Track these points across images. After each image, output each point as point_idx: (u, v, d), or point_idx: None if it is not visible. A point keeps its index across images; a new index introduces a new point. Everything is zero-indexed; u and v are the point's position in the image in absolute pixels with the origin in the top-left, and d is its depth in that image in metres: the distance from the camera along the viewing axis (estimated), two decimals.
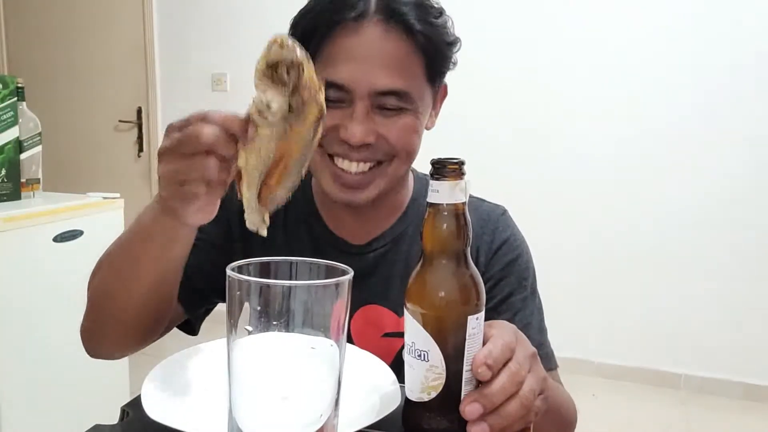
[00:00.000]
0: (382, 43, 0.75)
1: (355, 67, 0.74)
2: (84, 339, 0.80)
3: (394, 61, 0.75)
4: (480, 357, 0.53)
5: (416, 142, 0.80)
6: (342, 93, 0.75)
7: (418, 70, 0.77)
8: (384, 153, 0.78)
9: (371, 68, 0.74)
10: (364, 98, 0.75)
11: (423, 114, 0.81)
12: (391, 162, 0.80)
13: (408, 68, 0.76)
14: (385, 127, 0.77)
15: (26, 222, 1.58)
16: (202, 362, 0.68)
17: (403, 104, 0.77)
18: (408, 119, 0.78)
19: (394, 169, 0.80)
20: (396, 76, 0.75)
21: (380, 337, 0.86)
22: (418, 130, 0.80)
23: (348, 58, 0.75)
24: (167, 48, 3.61)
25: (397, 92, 0.76)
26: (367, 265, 0.87)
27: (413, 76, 0.77)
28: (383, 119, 0.77)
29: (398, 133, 0.77)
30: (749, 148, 2.70)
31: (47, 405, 1.65)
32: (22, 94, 1.68)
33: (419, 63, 0.77)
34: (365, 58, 0.74)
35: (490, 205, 0.92)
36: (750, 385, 2.76)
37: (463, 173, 0.55)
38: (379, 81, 0.74)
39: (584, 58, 2.88)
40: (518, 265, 0.87)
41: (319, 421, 0.46)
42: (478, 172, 1.02)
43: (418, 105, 0.79)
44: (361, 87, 0.74)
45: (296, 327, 0.45)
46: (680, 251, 2.83)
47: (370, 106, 0.76)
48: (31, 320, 1.59)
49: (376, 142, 0.77)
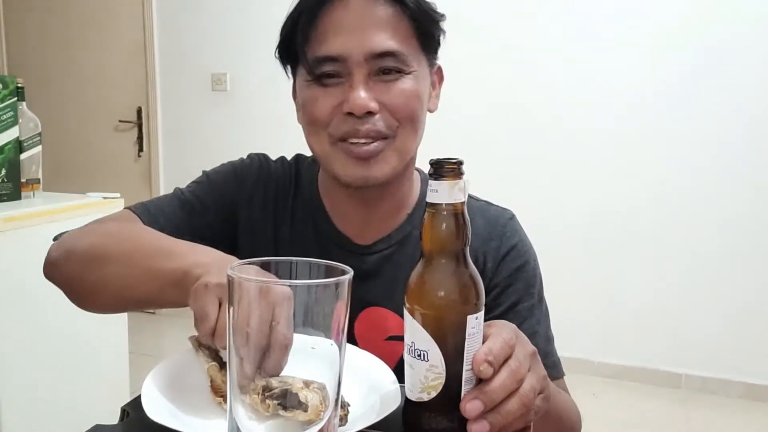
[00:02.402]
0: (370, 10, 0.76)
1: (346, 37, 0.75)
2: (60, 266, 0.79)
3: (384, 24, 0.76)
4: (480, 355, 0.53)
5: (419, 108, 0.79)
6: (338, 65, 0.76)
7: (409, 33, 0.78)
8: (388, 124, 0.78)
9: (362, 34, 0.75)
10: (360, 65, 0.75)
11: (422, 82, 0.80)
12: (397, 134, 0.79)
13: (399, 30, 0.77)
14: (386, 93, 0.77)
15: (26, 222, 1.58)
16: (202, 368, 0.68)
17: (400, 65, 0.77)
18: (408, 83, 0.77)
19: (402, 142, 0.79)
20: (388, 37, 0.75)
21: (384, 340, 0.85)
22: (419, 95, 0.79)
23: (338, 30, 0.75)
24: (167, 48, 3.61)
25: (392, 52, 0.76)
26: (372, 266, 0.87)
27: (405, 39, 0.77)
28: (383, 85, 0.77)
29: (400, 98, 0.77)
30: (750, 146, 2.70)
31: (47, 405, 1.65)
32: (22, 94, 1.68)
33: (409, 26, 0.77)
34: (355, 26, 0.75)
35: (497, 209, 0.91)
36: (750, 384, 2.76)
37: (462, 173, 0.55)
38: (372, 43, 0.75)
39: (583, 53, 2.88)
40: (526, 272, 0.86)
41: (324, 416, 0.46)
42: (477, 173, 1.01)
43: (416, 69, 0.78)
44: (354, 53, 0.75)
45: (296, 327, 0.45)
46: (681, 252, 2.83)
47: (368, 73, 0.76)
48: (31, 320, 1.59)
49: (380, 111, 0.77)
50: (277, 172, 0.93)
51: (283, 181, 0.92)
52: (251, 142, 3.39)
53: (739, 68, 2.68)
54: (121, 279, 0.72)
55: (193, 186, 0.91)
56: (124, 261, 0.73)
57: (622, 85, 2.84)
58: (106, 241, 0.77)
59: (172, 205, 0.87)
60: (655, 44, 2.78)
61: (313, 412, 0.45)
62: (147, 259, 0.71)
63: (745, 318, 2.77)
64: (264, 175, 0.91)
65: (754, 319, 2.76)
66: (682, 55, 2.74)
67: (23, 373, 1.59)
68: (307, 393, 0.45)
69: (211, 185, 0.91)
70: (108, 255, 0.75)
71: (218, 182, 0.91)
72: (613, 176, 2.90)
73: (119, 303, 0.78)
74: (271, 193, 0.90)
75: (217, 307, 0.57)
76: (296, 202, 0.91)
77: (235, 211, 0.89)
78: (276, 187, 0.91)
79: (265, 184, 0.91)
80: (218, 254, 0.67)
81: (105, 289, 0.75)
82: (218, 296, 0.57)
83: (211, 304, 0.57)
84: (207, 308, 0.57)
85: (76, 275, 0.78)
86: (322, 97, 0.78)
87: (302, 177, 0.92)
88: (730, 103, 2.70)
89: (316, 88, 0.78)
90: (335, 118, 0.77)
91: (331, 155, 0.80)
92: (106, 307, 0.80)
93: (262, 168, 0.92)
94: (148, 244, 0.74)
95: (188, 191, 0.90)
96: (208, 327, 0.56)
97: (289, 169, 0.93)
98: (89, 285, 0.76)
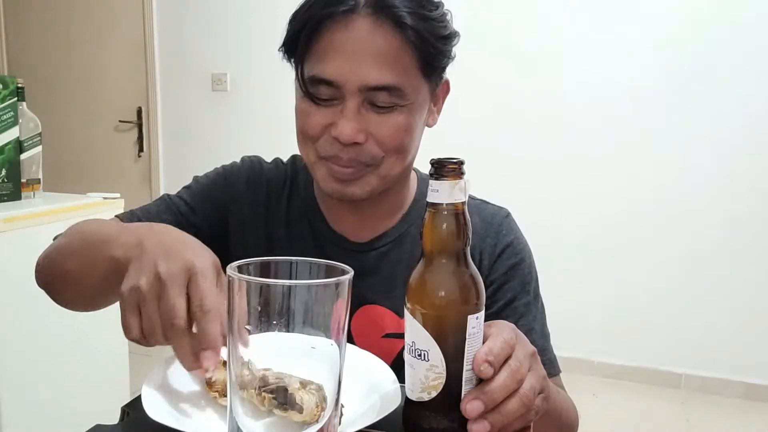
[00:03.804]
0: (372, 37, 0.73)
1: (343, 62, 0.73)
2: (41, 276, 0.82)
3: (384, 56, 0.73)
4: (481, 354, 0.53)
5: (408, 140, 0.78)
6: (332, 89, 0.74)
7: (410, 64, 0.75)
8: (373, 155, 0.77)
9: (360, 63, 0.73)
10: (354, 94, 0.74)
11: (418, 111, 0.79)
12: (382, 163, 0.78)
13: (399, 63, 0.74)
14: (377, 125, 0.75)
15: (26, 222, 1.58)
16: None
17: (395, 100, 0.75)
18: (400, 117, 0.76)
19: (387, 170, 0.79)
20: (386, 71, 0.73)
21: (380, 337, 0.85)
22: (411, 128, 0.78)
23: (337, 52, 0.73)
24: (167, 48, 3.61)
25: (388, 87, 0.73)
26: (369, 264, 0.87)
27: (405, 71, 0.75)
28: (375, 116, 0.75)
29: (389, 132, 0.76)
30: (752, 147, 2.70)
31: (47, 405, 1.65)
32: (22, 94, 1.68)
33: (412, 57, 0.75)
34: (354, 52, 0.73)
35: (493, 207, 0.91)
36: (750, 384, 2.76)
37: (463, 173, 0.55)
38: (369, 76, 0.73)
39: (583, 54, 2.88)
40: (521, 269, 0.87)
41: (323, 417, 0.46)
42: (478, 173, 1.02)
43: (412, 101, 0.76)
44: (350, 82, 0.73)
45: (296, 327, 0.45)
46: (681, 252, 2.83)
47: (361, 102, 0.74)
48: (31, 320, 1.59)
49: (366, 142, 0.76)
50: (270, 173, 0.93)
51: (276, 182, 0.92)
52: (251, 142, 3.41)
53: (739, 69, 2.68)
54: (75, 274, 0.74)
55: (182, 191, 0.93)
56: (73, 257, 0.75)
57: (622, 85, 2.84)
58: (63, 241, 0.80)
59: (158, 209, 0.88)
60: (655, 44, 2.78)
61: (308, 414, 0.45)
62: (88, 251, 0.72)
63: (745, 318, 2.77)
64: (254, 176, 0.92)
65: (754, 319, 2.76)
66: (683, 56, 2.74)
67: (23, 373, 1.59)
68: (303, 394, 0.46)
69: (199, 188, 0.92)
70: (61, 253, 0.78)
71: (206, 185, 0.92)
72: (613, 176, 2.90)
73: (87, 298, 0.78)
74: (263, 194, 0.91)
75: (136, 314, 0.58)
76: (291, 201, 0.91)
77: (224, 213, 0.89)
78: (268, 188, 0.91)
79: (256, 185, 0.91)
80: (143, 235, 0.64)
81: (69, 286, 0.77)
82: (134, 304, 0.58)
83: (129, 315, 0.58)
84: (127, 320, 0.58)
85: (49, 278, 0.81)
86: (313, 114, 0.77)
87: (298, 177, 0.93)
88: (731, 103, 2.70)
89: (308, 102, 0.77)
90: (323, 136, 0.77)
91: (316, 167, 0.81)
92: (81, 303, 0.81)
93: (253, 169, 0.93)
94: (90, 238, 0.74)
95: (176, 196, 0.91)
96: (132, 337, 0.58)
97: (284, 169, 0.94)
98: (58, 284, 0.79)
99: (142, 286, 0.58)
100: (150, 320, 0.57)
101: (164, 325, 0.56)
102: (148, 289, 0.57)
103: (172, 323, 0.56)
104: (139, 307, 0.58)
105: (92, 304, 0.80)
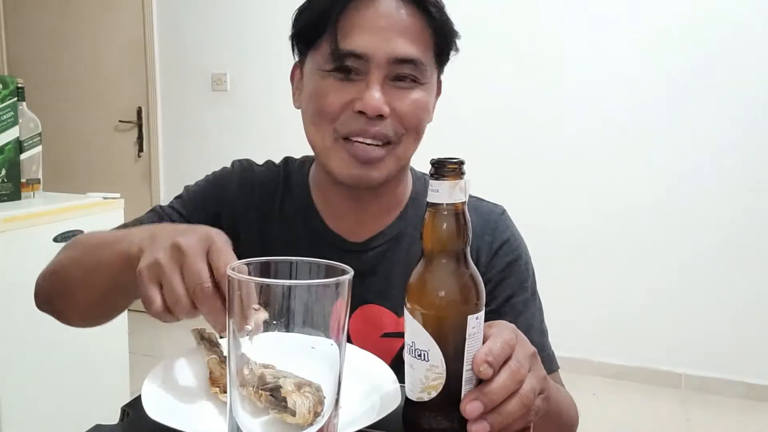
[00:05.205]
0: (398, 13, 0.76)
1: (372, 36, 0.75)
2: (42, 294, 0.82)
3: (409, 31, 0.77)
4: (480, 355, 0.53)
5: (425, 120, 0.81)
6: (360, 62, 0.76)
7: (429, 46, 0.79)
8: (395, 131, 0.78)
9: (389, 36, 0.76)
10: (381, 66, 0.76)
11: (431, 94, 0.82)
12: (401, 142, 0.80)
13: (422, 40, 0.78)
14: (399, 99, 0.77)
15: (26, 222, 1.58)
16: (203, 362, 0.68)
17: (417, 75, 0.78)
18: (420, 94, 0.79)
19: (404, 150, 0.81)
20: (412, 45, 0.76)
21: (379, 337, 0.85)
22: (427, 109, 0.81)
23: (365, 28, 0.76)
24: (167, 48, 3.61)
25: (414, 60, 0.77)
26: (366, 264, 0.87)
27: (426, 49, 0.78)
28: (397, 92, 0.78)
29: (410, 108, 0.78)
30: (752, 147, 2.70)
31: (47, 405, 1.65)
32: (22, 94, 1.68)
33: (430, 40, 0.79)
34: (382, 27, 0.76)
35: (489, 204, 0.92)
36: (750, 384, 2.76)
37: (463, 173, 0.55)
38: (398, 48, 0.76)
39: (582, 54, 2.88)
40: (518, 266, 0.87)
41: (319, 421, 0.46)
42: (478, 173, 1.02)
43: (429, 81, 0.80)
44: (379, 54, 0.75)
45: (296, 327, 0.45)
46: (681, 251, 2.83)
47: (385, 76, 0.76)
48: (31, 320, 1.58)
49: (390, 117, 0.77)
50: (262, 174, 0.93)
51: (268, 184, 0.92)
52: (251, 142, 3.41)
53: (739, 70, 2.68)
54: (81, 282, 0.75)
55: (173, 201, 0.93)
56: (76, 266, 0.76)
57: (622, 85, 2.84)
58: (63, 255, 0.80)
59: (151, 220, 0.88)
60: (656, 44, 2.77)
61: (301, 417, 0.45)
62: (93, 256, 0.73)
63: (744, 318, 2.77)
64: (246, 179, 0.92)
65: (754, 319, 2.76)
66: (683, 56, 2.74)
67: (23, 373, 1.59)
68: (296, 398, 0.45)
69: (191, 197, 0.92)
70: (64, 266, 0.78)
71: (197, 192, 0.92)
72: (613, 176, 2.90)
73: (95, 306, 0.78)
74: (255, 196, 0.91)
75: (157, 287, 0.58)
76: (285, 203, 0.91)
77: (217, 219, 0.89)
78: (261, 190, 0.91)
79: (248, 188, 0.91)
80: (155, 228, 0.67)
81: (74, 298, 0.77)
82: (155, 277, 0.58)
83: (151, 290, 0.58)
84: (148, 294, 0.58)
85: (52, 293, 0.81)
86: (334, 91, 0.77)
87: (292, 178, 0.93)
88: (732, 103, 2.70)
89: (330, 80, 0.77)
90: (344, 114, 0.77)
91: (332, 151, 0.80)
92: (86, 316, 0.81)
93: (244, 173, 0.93)
94: (93, 243, 0.75)
95: (167, 205, 0.92)
96: (156, 309, 0.58)
97: (277, 171, 0.94)
98: (62, 298, 0.79)
99: (161, 258, 0.58)
100: (174, 291, 0.57)
101: (192, 290, 0.56)
102: (168, 260, 0.57)
103: (201, 286, 0.56)
104: (160, 280, 0.58)
105: (101, 312, 0.81)
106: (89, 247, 0.76)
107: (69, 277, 0.77)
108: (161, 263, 0.57)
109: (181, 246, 0.58)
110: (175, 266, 0.57)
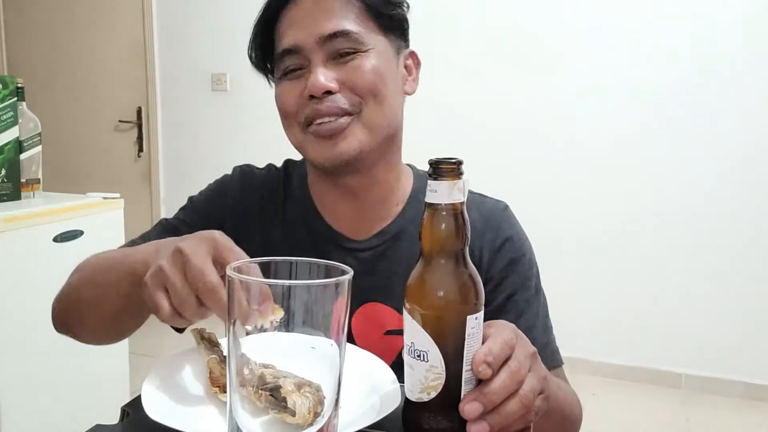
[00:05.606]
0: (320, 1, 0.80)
1: (299, 29, 0.80)
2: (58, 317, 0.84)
3: (331, 10, 0.79)
4: (480, 355, 0.53)
5: (381, 84, 0.81)
6: (296, 57, 0.80)
7: (362, 15, 0.81)
8: (350, 101, 0.79)
9: (314, 20, 0.79)
10: (314, 50, 0.79)
11: (384, 60, 0.82)
12: (362, 110, 0.80)
13: (349, 11, 0.80)
14: (344, 72, 0.79)
15: (26, 222, 1.58)
16: (203, 362, 0.68)
17: (354, 45, 0.79)
18: (364, 60, 0.80)
19: (369, 118, 0.81)
20: (337, 20, 0.79)
21: (382, 335, 0.85)
22: (380, 73, 0.80)
23: (291, 24, 0.81)
24: (167, 48, 3.61)
25: (342, 32, 0.79)
26: (368, 262, 0.87)
27: (356, 20, 0.80)
28: (341, 66, 0.79)
29: (357, 74, 0.79)
30: (751, 146, 2.70)
31: (47, 405, 1.65)
32: (22, 94, 1.68)
33: (361, 8, 0.80)
34: (304, 17, 0.80)
35: (491, 201, 0.91)
36: (750, 384, 2.76)
37: (461, 173, 0.55)
38: (323, 26, 0.78)
39: (583, 50, 2.88)
40: (521, 264, 0.87)
41: (319, 421, 0.46)
42: (478, 173, 1.01)
43: (372, 46, 0.80)
44: (308, 40, 0.78)
45: (296, 327, 0.45)
46: (680, 251, 2.83)
47: (325, 57, 0.79)
48: (31, 320, 1.59)
49: (341, 91, 0.79)
50: (262, 178, 0.94)
51: (269, 187, 0.93)
52: (251, 142, 3.41)
53: (739, 71, 2.68)
54: (92, 303, 0.76)
55: (178, 212, 0.94)
56: (87, 287, 0.77)
57: (623, 85, 2.84)
58: (74, 278, 0.82)
59: (158, 234, 0.89)
60: (657, 44, 2.77)
61: (301, 417, 0.45)
62: (102, 276, 0.74)
63: (745, 318, 2.77)
64: (247, 184, 0.93)
65: (754, 319, 2.75)
66: (686, 56, 2.74)
67: (23, 373, 1.59)
68: (296, 398, 0.46)
69: (194, 207, 0.93)
70: (75, 288, 0.80)
71: (201, 201, 0.94)
72: (613, 176, 2.90)
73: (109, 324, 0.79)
74: (257, 200, 0.92)
75: (163, 292, 0.59)
76: (286, 205, 0.92)
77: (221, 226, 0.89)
78: (262, 194, 0.92)
79: (249, 192, 0.92)
80: (159, 242, 0.69)
81: (87, 319, 0.79)
82: (160, 284, 0.59)
83: (157, 296, 0.59)
84: (155, 299, 0.59)
85: (67, 315, 0.82)
86: (287, 91, 0.82)
87: (292, 180, 0.94)
88: (732, 104, 2.70)
89: (284, 83, 0.83)
90: (300, 106, 0.80)
91: (304, 142, 0.83)
92: (101, 335, 0.83)
93: (245, 178, 0.94)
94: (101, 264, 0.78)
95: (173, 217, 0.94)
96: (165, 313, 0.59)
97: (277, 174, 0.95)
98: (75, 322, 0.81)
99: (164, 265, 0.58)
100: (178, 292, 0.57)
101: (197, 288, 0.57)
102: (170, 265, 0.58)
103: (205, 283, 0.56)
104: (165, 285, 0.58)
105: (115, 331, 0.82)
106: (98, 268, 0.77)
107: (80, 299, 0.78)
108: (164, 269, 0.58)
109: (183, 250, 0.58)
110: (177, 269, 0.58)
